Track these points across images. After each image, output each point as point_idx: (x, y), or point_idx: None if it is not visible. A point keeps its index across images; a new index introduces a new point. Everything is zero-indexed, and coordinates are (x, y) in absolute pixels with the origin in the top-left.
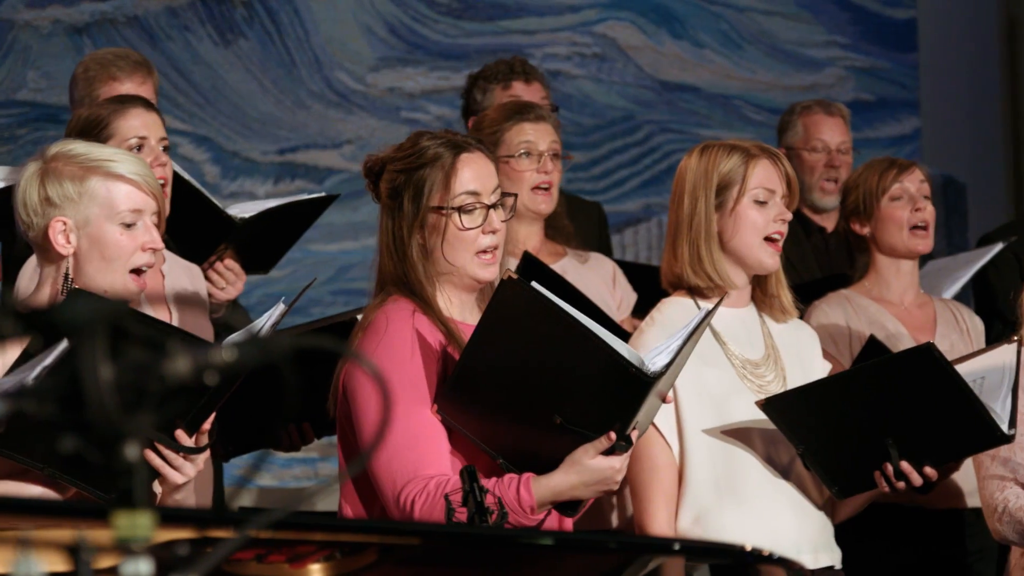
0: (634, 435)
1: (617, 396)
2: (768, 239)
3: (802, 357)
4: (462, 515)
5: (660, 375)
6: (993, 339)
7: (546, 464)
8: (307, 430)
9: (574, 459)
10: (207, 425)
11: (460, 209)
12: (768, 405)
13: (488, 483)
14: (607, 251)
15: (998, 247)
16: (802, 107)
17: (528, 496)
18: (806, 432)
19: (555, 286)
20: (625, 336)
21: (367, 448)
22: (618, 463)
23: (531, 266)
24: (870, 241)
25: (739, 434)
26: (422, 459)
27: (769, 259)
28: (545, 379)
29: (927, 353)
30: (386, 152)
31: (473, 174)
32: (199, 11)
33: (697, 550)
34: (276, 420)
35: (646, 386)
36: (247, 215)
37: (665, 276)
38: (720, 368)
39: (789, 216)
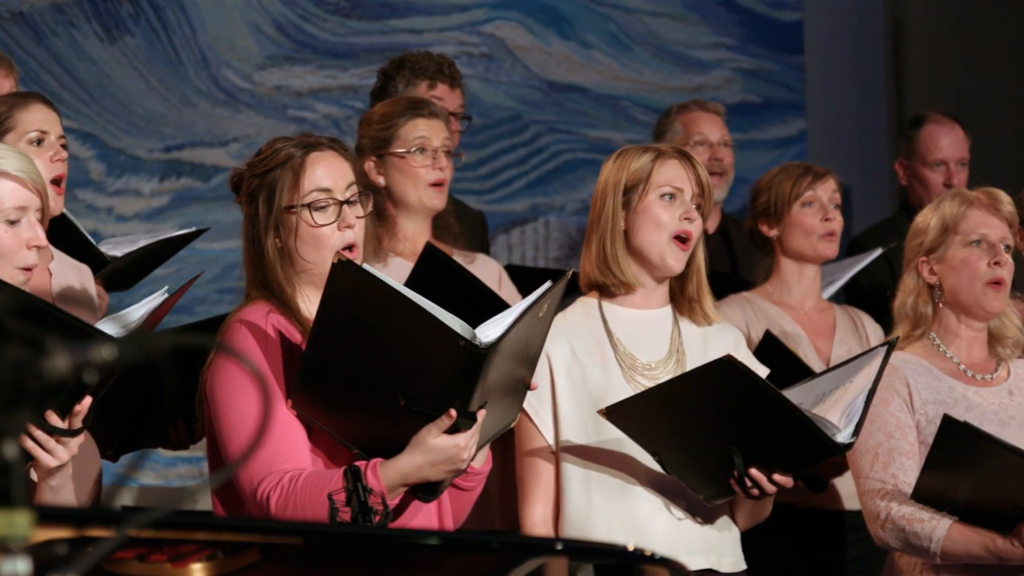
0: (480, 413)
1: (454, 373)
2: (676, 239)
3: None
4: (346, 515)
5: (491, 347)
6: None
7: (400, 449)
8: (196, 428)
9: (418, 440)
10: (80, 407)
11: (311, 206)
12: (611, 414)
13: (334, 472)
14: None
15: (877, 252)
16: (678, 107)
17: (376, 481)
18: (656, 439)
19: (457, 277)
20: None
21: (244, 449)
22: (462, 441)
23: (433, 257)
24: (776, 243)
25: (616, 436)
26: (277, 455)
27: (673, 260)
28: (386, 361)
29: (728, 366)
30: (247, 161)
31: (324, 171)
32: (85, 7)
33: (580, 550)
34: (163, 418)
35: (479, 359)
36: (118, 254)
37: (580, 276)
38: (606, 367)
39: (696, 216)
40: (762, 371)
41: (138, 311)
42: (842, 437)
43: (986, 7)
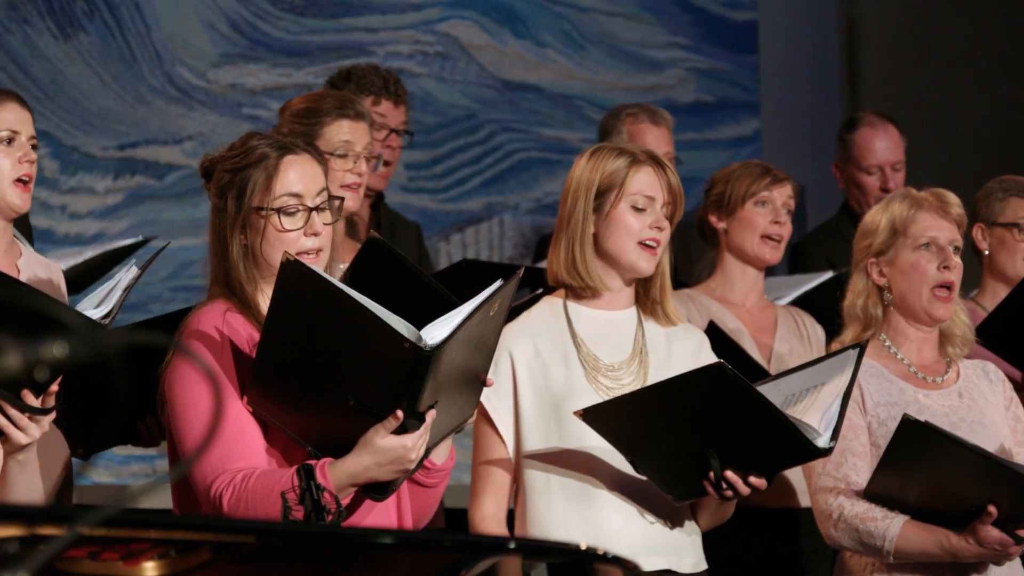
0: (430, 413)
1: (400, 374)
2: (644, 244)
3: (679, 363)
4: (299, 513)
5: (436, 349)
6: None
7: (351, 448)
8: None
9: (366, 440)
10: (54, 387)
11: (280, 210)
12: (587, 415)
13: (286, 471)
14: (426, 265)
15: (828, 275)
16: (628, 113)
17: (325, 482)
18: (631, 441)
19: (402, 270)
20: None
21: (196, 447)
22: (410, 441)
23: (377, 249)
24: (722, 236)
25: (577, 436)
26: (230, 453)
27: (643, 263)
28: (334, 361)
29: (719, 372)
30: (220, 151)
31: (297, 176)
32: (39, 4)
33: (533, 549)
34: (116, 417)
35: (425, 361)
36: (64, 267)
37: (548, 273)
38: (568, 367)
39: (665, 224)
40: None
41: (115, 292)
42: (822, 441)
43: (939, 8)
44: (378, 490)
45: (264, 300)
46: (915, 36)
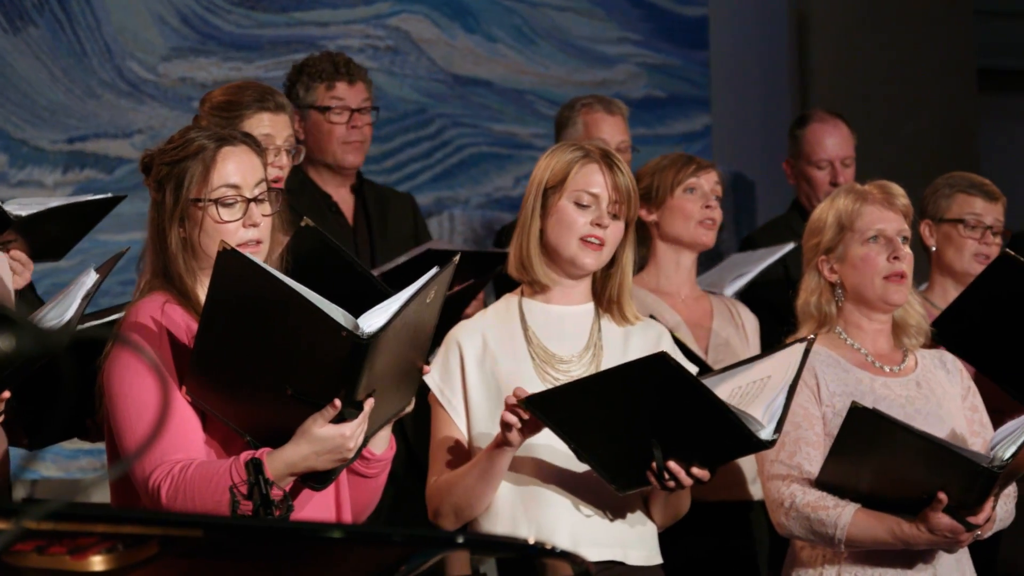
0: (368, 402)
1: (338, 362)
2: (585, 241)
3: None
4: (247, 507)
5: (373, 337)
6: (765, 337)
7: (290, 438)
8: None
9: (304, 429)
10: (6, 393)
11: (218, 202)
12: (530, 403)
13: (224, 462)
14: (424, 237)
15: (790, 246)
16: (583, 104)
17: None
18: (575, 430)
19: (333, 257)
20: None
21: (141, 439)
22: (348, 430)
23: (311, 237)
24: (653, 229)
25: None
26: (170, 445)
27: (586, 258)
28: (272, 350)
29: (661, 361)
30: (160, 145)
31: (234, 167)
32: None
33: (481, 544)
34: (63, 410)
35: (362, 349)
36: (24, 213)
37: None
38: (517, 360)
39: (609, 223)
40: (691, 367)
41: (75, 297)
42: (765, 434)
43: (890, 4)
44: (317, 479)
45: (203, 292)
46: (865, 33)
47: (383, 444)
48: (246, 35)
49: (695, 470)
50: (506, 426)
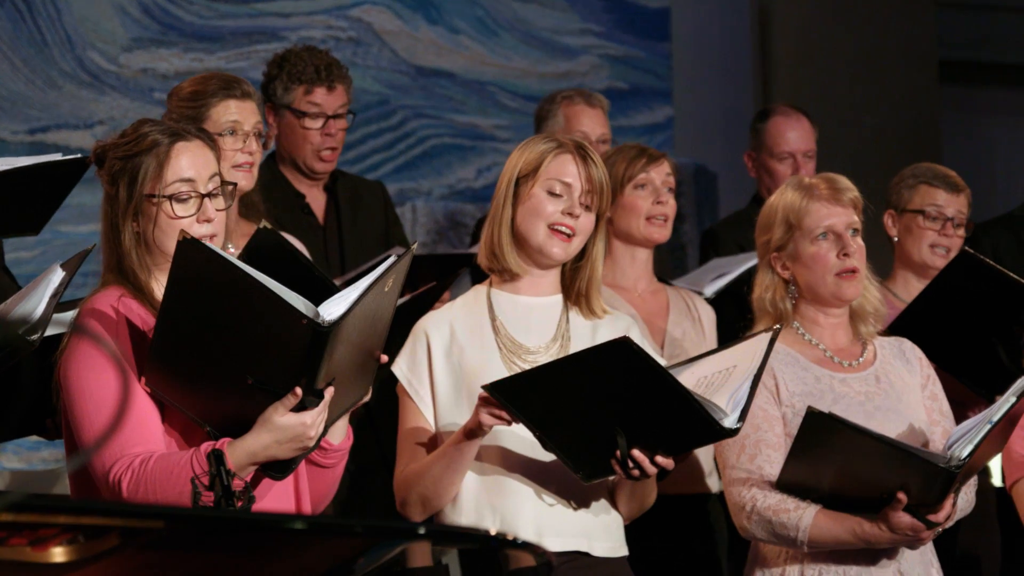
0: (328, 391)
1: (298, 351)
2: (555, 229)
3: None
4: (208, 499)
5: (334, 325)
6: (726, 329)
7: (250, 427)
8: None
9: (264, 418)
10: None
11: (172, 197)
12: (493, 388)
13: (184, 454)
14: (396, 228)
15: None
16: (563, 97)
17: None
18: (539, 417)
19: (290, 259)
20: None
21: (100, 432)
22: (309, 419)
23: (264, 238)
24: (607, 225)
25: None
26: (129, 438)
27: (554, 247)
28: (232, 339)
29: (624, 347)
30: (112, 138)
31: (189, 162)
32: None
33: (442, 535)
34: (20, 406)
35: (323, 337)
36: None
37: (479, 260)
38: (484, 350)
39: (580, 213)
40: (657, 358)
41: (43, 295)
42: (729, 422)
43: None
44: (278, 469)
45: (158, 287)
46: (827, 25)
47: (340, 434)
48: (207, 26)
49: (659, 458)
50: (478, 415)
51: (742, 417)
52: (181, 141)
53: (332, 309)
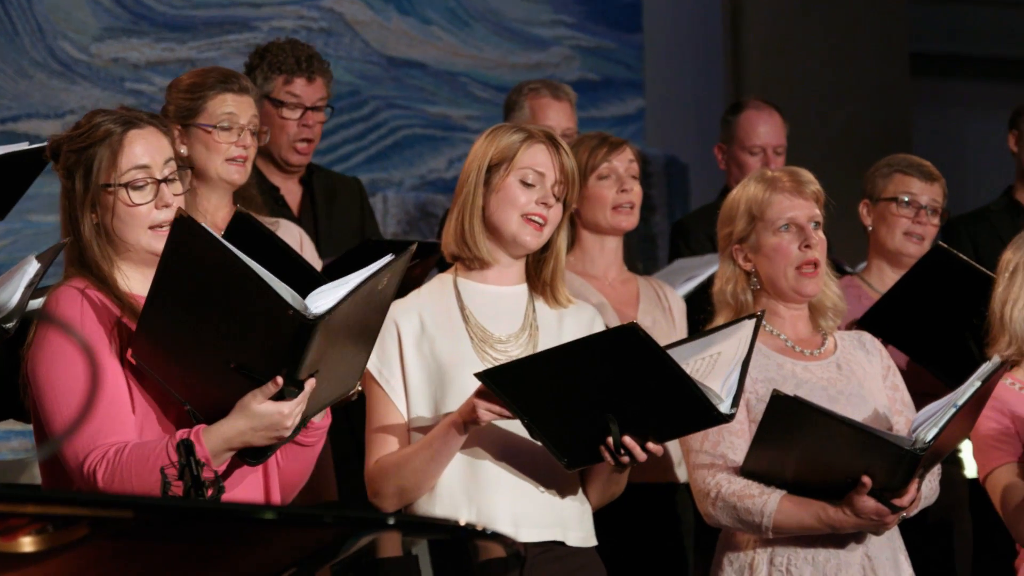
0: (309, 382)
1: (283, 340)
2: (528, 219)
3: (571, 338)
4: (178, 488)
5: (320, 319)
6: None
7: (229, 410)
8: None
9: (242, 404)
10: None
11: (128, 185)
12: (487, 376)
13: (159, 442)
14: (370, 223)
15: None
16: (530, 88)
17: (201, 448)
18: (529, 404)
19: (268, 244)
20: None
21: (69, 423)
22: (287, 408)
23: (242, 223)
24: (575, 216)
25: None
26: (102, 429)
27: (527, 237)
28: (218, 322)
29: (632, 333)
30: (66, 131)
31: (143, 149)
32: None
33: (412, 526)
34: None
35: (307, 329)
36: None
37: (443, 248)
38: (455, 339)
39: (553, 202)
40: None
41: (18, 285)
42: (724, 407)
43: None
44: (253, 455)
45: (121, 277)
46: (798, 17)
47: (321, 413)
48: (179, 16)
49: (650, 445)
50: (472, 409)
51: (735, 403)
52: (134, 129)
53: (320, 302)
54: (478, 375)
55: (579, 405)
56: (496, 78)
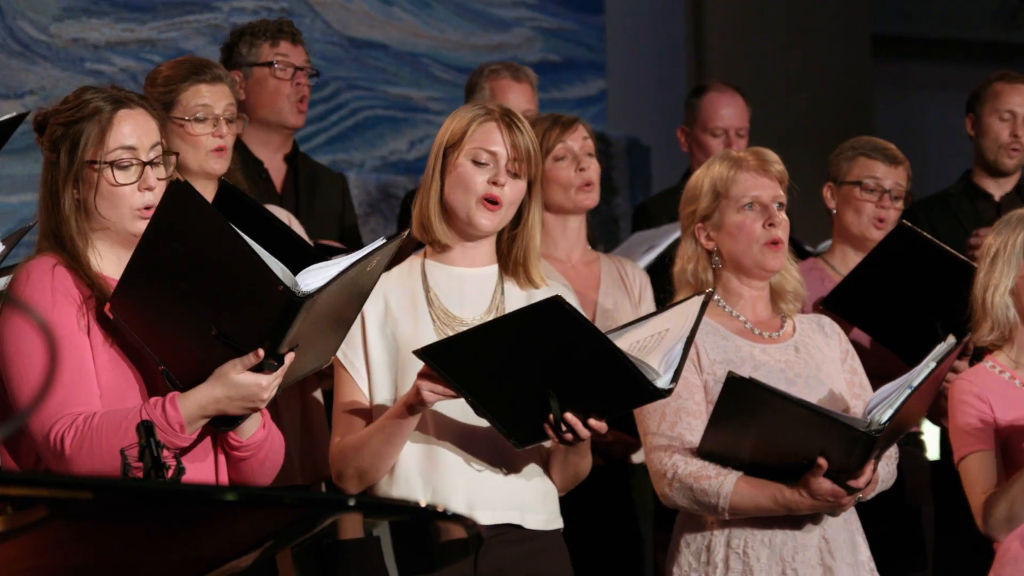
0: (288, 356)
1: (268, 314)
2: (485, 200)
3: None
4: (139, 470)
5: (309, 297)
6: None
7: (205, 377)
8: None
9: (221, 372)
10: None
11: (114, 164)
12: (425, 353)
13: (132, 408)
14: (351, 221)
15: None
16: (491, 70)
17: (175, 413)
18: (471, 381)
19: (254, 215)
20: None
21: (31, 399)
22: (265, 381)
23: (228, 194)
24: None
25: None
26: (68, 399)
27: (482, 218)
28: (205, 289)
29: (556, 305)
30: (54, 105)
31: (131, 129)
32: None
33: (373, 507)
34: None
35: (295, 306)
36: None
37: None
38: (417, 322)
39: (506, 181)
40: None
41: None
42: (662, 382)
43: None
44: (226, 422)
45: (94, 255)
46: (760, 2)
47: (253, 426)
48: None
49: (592, 421)
50: (418, 391)
51: (675, 378)
52: (124, 108)
53: (310, 280)
54: (416, 352)
55: (519, 381)
56: (458, 59)
